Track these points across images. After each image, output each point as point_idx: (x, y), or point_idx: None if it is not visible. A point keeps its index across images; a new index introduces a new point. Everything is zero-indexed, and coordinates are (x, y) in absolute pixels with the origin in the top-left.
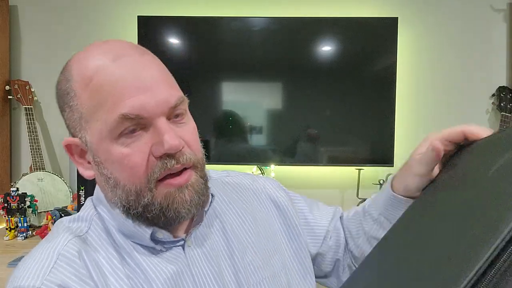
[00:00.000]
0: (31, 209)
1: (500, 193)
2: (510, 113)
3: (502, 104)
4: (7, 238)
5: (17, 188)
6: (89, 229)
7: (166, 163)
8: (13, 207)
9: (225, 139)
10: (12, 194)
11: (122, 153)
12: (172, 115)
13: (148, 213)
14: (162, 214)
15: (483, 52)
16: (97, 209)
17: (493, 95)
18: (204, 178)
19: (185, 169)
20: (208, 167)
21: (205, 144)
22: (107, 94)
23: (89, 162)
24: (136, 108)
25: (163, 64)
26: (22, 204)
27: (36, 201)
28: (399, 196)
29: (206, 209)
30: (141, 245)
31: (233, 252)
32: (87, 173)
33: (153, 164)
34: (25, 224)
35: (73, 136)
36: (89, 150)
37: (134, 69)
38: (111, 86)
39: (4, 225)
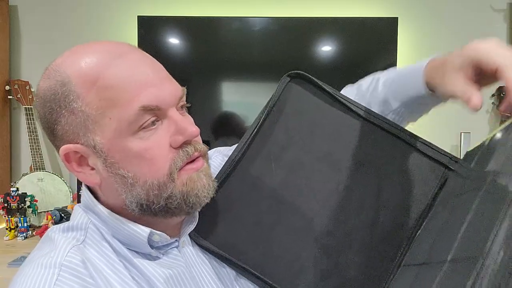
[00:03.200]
0: (31, 209)
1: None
2: (510, 113)
3: None
4: (7, 238)
5: (17, 188)
6: (85, 237)
7: (187, 151)
8: (13, 207)
9: (225, 139)
10: (12, 194)
11: (141, 147)
12: (179, 106)
13: (171, 204)
14: (183, 201)
15: None
16: (89, 216)
17: (493, 95)
18: (210, 166)
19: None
20: None
21: (206, 144)
22: (120, 90)
23: (92, 168)
24: (155, 99)
25: None
26: (22, 204)
27: (36, 201)
28: (435, 95)
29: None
30: (138, 252)
31: None
32: (92, 180)
33: (174, 154)
34: (25, 224)
35: (70, 143)
36: (96, 153)
37: (140, 64)
38: (123, 81)
39: (4, 225)
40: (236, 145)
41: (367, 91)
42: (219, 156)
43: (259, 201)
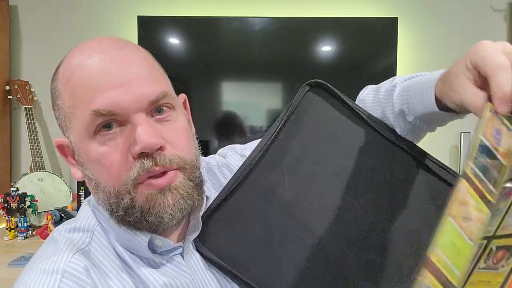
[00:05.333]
0: (31, 209)
1: None
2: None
3: None
4: (7, 238)
5: (17, 188)
6: (91, 239)
7: (144, 164)
8: (13, 207)
9: (225, 139)
10: (12, 194)
11: (98, 151)
12: (154, 112)
13: (129, 217)
14: (143, 218)
15: None
16: (97, 217)
17: None
18: (195, 180)
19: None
20: None
21: (205, 144)
22: (82, 92)
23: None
24: (107, 104)
25: (150, 58)
26: (22, 204)
27: (36, 201)
28: (445, 112)
29: (201, 214)
30: (140, 257)
31: None
32: (78, 175)
33: (131, 164)
34: (25, 224)
35: (63, 136)
36: (74, 150)
37: (108, 65)
38: (85, 83)
39: (4, 225)
40: (250, 144)
41: (384, 98)
42: (233, 155)
43: (268, 214)
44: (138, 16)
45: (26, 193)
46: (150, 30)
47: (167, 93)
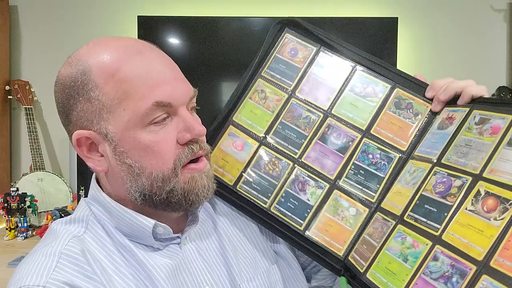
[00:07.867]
0: (31, 209)
1: None
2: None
3: None
4: (7, 238)
5: (17, 188)
6: (86, 229)
7: (193, 148)
8: (13, 207)
9: None
10: (12, 194)
11: (150, 140)
12: (189, 106)
13: (172, 198)
14: (184, 198)
15: (483, 52)
16: (92, 208)
17: (493, 95)
18: (212, 167)
19: (199, 157)
20: None
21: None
22: (136, 84)
23: (101, 155)
24: (168, 96)
25: None
26: (22, 204)
27: (36, 201)
28: None
29: (199, 209)
30: (139, 243)
31: (225, 249)
32: (100, 166)
33: (179, 150)
34: (25, 224)
35: (83, 129)
36: (107, 141)
37: (157, 62)
38: (140, 77)
39: (4, 225)
40: None
41: None
42: None
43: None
44: (138, 16)
45: (26, 193)
46: (150, 30)
47: (197, 92)
